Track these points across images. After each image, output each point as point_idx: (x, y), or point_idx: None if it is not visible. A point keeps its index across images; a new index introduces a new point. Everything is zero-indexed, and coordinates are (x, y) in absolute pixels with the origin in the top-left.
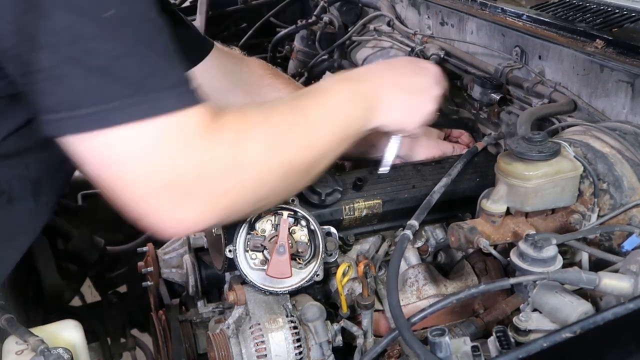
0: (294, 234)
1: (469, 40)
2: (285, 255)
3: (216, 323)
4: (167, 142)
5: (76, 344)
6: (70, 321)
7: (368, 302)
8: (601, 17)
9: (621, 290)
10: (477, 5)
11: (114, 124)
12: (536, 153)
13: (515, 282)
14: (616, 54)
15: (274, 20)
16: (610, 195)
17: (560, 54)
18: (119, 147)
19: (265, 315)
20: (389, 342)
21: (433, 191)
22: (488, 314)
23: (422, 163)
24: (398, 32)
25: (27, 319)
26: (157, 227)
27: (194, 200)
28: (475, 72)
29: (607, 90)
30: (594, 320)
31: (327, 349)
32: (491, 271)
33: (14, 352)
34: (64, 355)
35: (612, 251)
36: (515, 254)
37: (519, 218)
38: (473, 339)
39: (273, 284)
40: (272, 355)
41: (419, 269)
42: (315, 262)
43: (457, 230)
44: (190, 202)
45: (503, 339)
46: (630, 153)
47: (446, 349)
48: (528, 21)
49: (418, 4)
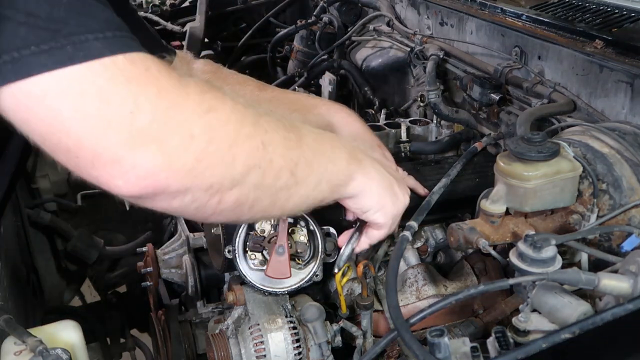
0: (293, 234)
1: (469, 40)
2: (284, 256)
3: (215, 323)
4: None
5: (75, 344)
6: (69, 321)
7: (367, 302)
8: (601, 17)
9: (620, 290)
10: (476, 6)
11: (27, 74)
12: (535, 153)
13: (514, 282)
14: (615, 54)
15: (273, 21)
16: (610, 196)
17: (560, 54)
18: (43, 98)
19: (264, 316)
20: (388, 343)
21: (432, 192)
22: (487, 315)
23: (421, 163)
24: (397, 32)
25: (26, 319)
26: (115, 182)
27: (148, 144)
28: (475, 72)
29: (606, 91)
30: (593, 321)
31: (326, 349)
32: (490, 271)
33: (13, 353)
34: (62, 355)
35: (611, 251)
36: (515, 254)
37: (518, 218)
38: (472, 339)
39: (272, 285)
40: (272, 356)
41: (419, 269)
42: (315, 263)
43: (456, 230)
44: (144, 145)
45: (502, 340)
46: (630, 153)
47: (445, 349)
48: (527, 21)
49: (418, 4)
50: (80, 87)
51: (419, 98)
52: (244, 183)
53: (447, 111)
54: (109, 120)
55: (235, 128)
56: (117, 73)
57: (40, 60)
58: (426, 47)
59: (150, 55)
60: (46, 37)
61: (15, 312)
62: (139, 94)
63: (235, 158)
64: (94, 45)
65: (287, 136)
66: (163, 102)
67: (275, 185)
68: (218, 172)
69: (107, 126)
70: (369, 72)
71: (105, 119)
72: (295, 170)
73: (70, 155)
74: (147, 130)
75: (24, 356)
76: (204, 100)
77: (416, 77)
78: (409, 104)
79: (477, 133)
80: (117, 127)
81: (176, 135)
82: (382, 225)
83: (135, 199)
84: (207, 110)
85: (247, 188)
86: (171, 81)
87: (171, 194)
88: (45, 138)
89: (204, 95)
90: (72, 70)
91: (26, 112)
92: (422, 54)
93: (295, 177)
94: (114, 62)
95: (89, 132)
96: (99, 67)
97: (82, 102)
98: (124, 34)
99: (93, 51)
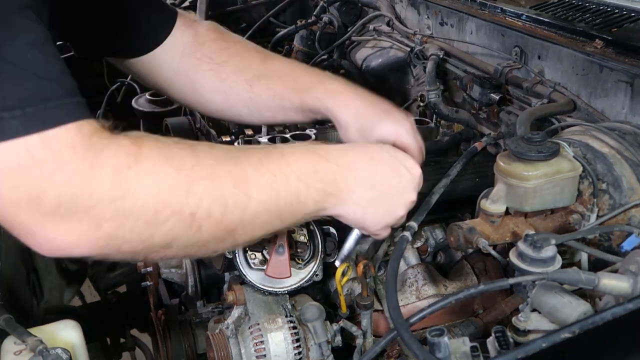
0: (293, 233)
1: (469, 40)
2: (284, 256)
3: (215, 323)
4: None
5: (75, 344)
6: (69, 321)
7: (367, 302)
8: (601, 17)
9: (620, 290)
10: (476, 5)
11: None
12: (535, 153)
13: (514, 282)
14: (615, 54)
15: (273, 20)
16: (610, 196)
17: (560, 54)
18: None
19: (264, 316)
20: (388, 342)
21: (432, 192)
22: (487, 314)
23: None
24: (397, 32)
25: (26, 319)
26: (35, 246)
27: (58, 224)
28: (475, 72)
29: (606, 90)
30: (593, 321)
31: (326, 349)
32: (490, 271)
33: (13, 352)
34: (62, 355)
35: (611, 251)
36: (515, 254)
37: (518, 218)
38: (472, 339)
39: (272, 284)
40: (272, 356)
41: (419, 269)
42: (315, 262)
43: (456, 230)
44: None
45: (502, 339)
46: (630, 153)
47: (445, 349)
48: (527, 21)
49: (418, 3)
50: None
51: (419, 98)
52: (170, 247)
53: (447, 111)
54: (18, 201)
55: (156, 211)
56: (26, 157)
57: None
58: (426, 47)
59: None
60: None
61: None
62: (45, 179)
63: (154, 233)
64: (10, 125)
65: (228, 202)
66: (69, 189)
67: (212, 244)
68: (136, 245)
69: (17, 206)
70: (369, 72)
71: (15, 200)
72: (235, 234)
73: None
74: (55, 213)
75: (24, 356)
76: (120, 183)
77: (416, 77)
78: (409, 104)
79: (477, 133)
80: (27, 209)
81: (84, 220)
82: (376, 233)
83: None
84: (121, 195)
85: (175, 250)
86: (83, 163)
87: (96, 255)
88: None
89: (121, 175)
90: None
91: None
92: (422, 53)
93: (233, 237)
94: (26, 145)
95: (5, 209)
96: (11, 148)
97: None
98: (47, 105)
99: (7, 131)
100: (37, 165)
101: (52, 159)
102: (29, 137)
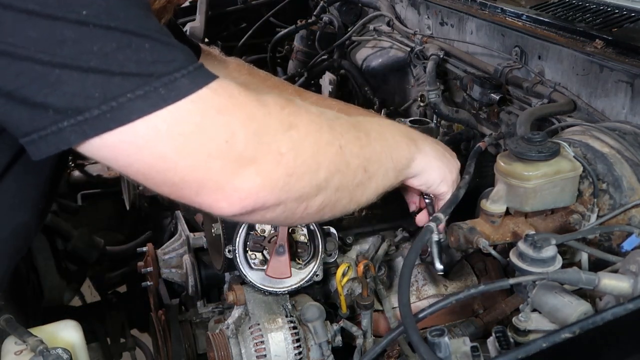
0: (293, 234)
1: (469, 40)
2: (284, 256)
3: (216, 323)
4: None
5: (75, 344)
6: (70, 321)
7: (367, 302)
8: (601, 17)
9: (620, 290)
10: (476, 6)
11: (127, 120)
12: (535, 153)
13: (514, 282)
14: (616, 54)
15: (273, 20)
16: (610, 196)
17: (560, 54)
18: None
19: (264, 316)
20: (389, 342)
21: (459, 186)
22: (487, 314)
23: None
24: (398, 32)
25: (26, 319)
26: (221, 200)
27: (246, 167)
28: (475, 72)
29: (606, 90)
30: (593, 321)
31: (326, 349)
32: (491, 271)
33: (13, 353)
34: (63, 355)
35: (611, 251)
36: (515, 254)
37: (518, 218)
38: (472, 339)
39: (272, 284)
40: (272, 356)
41: (419, 269)
42: (315, 262)
43: (456, 230)
44: (242, 169)
45: (502, 339)
46: (630, 153)
47: (445, 349)
48: (528, 21)
49: (418, 4)
50: (178, 127)
51: (419, 98)
52: (327, 188)
53: (447, 111)
54: (208, 152)
55: (316, 139)
56: (207, 106)
57: (137, 105)
58: (426, 47)
59: (224, 79)
60: (140, 83)
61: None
62: (230, 122)
63: (320, 166)
64: (183, 83)
65: (357, 135)
66: (252, 126)
67: (353, 183)
68: (306, 182)
69: (208, 158)
70: (369, 72)
71: (206, 152)
72: (368, 166)
73: (175, 189)
74: (243, 155)
75: (24, 356)
76: (284, 117)
77: (416, 77)
78: (409, 104)
79: (477, 133)
80: (217, 157)
81: (268, 155)
82: (446, 193)
83: (234, 216)
84: (288, 126)
85: (330, 192)
86: (253, 103)
87: (267, 209)
88: (149, 177)
89: (283, 111)
90: (169, 111)
91: (127, 157)
92: (422, 53)
93: (368, 172)
94: (201, 97)
95: (193, 166)
96: (191, 104)
97: (183, 141)
98: (199, 64)
99: (183, 89)
100: (219, 112)
101: (229, 102)
102: (201, 91)
